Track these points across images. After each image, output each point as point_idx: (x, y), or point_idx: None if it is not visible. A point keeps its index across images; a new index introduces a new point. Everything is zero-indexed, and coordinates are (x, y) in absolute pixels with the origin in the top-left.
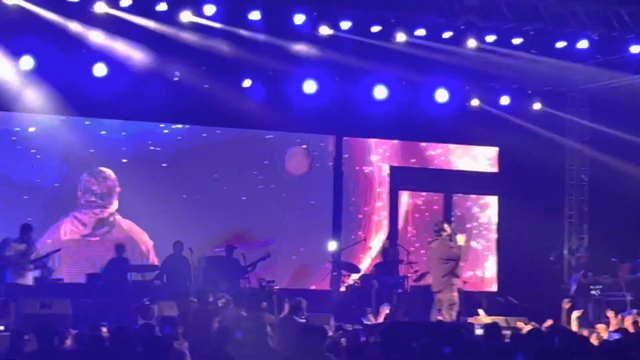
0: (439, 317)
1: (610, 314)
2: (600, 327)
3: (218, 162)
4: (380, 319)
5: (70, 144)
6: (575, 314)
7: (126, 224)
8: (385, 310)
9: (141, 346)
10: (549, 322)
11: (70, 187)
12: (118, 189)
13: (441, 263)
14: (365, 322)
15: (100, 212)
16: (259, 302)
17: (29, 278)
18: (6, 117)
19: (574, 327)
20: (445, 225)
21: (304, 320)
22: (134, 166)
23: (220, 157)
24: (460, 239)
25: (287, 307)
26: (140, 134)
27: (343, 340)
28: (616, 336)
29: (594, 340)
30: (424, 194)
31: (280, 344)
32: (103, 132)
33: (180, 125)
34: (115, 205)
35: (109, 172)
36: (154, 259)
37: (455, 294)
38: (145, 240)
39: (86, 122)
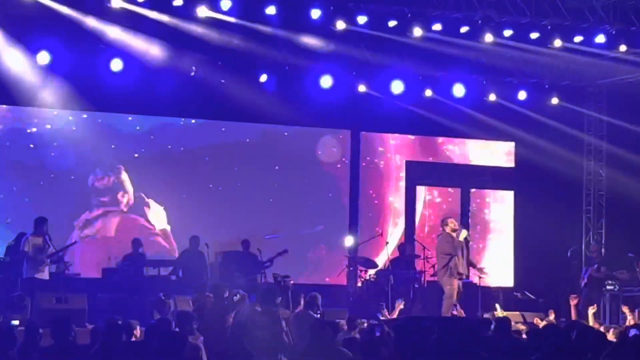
0: (455, 312)
1: (625, 309)
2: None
3: (235, 157)
4: (395, 314)
5: (85, 139)
6: (591, 310)
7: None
8: (399, 305)
9: (156, 341)
10: (552, 315)
11: (85, 182)
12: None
13: (440, 256)
14: (381, 317)
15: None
16: (273, 297)
17: (46, 272)
18: (22, 112)
19: (591, 322)
20: (449, 220)
21: (319, 315)
22: (150, 161)
23: (237, 152)
24: (462, 234)
25: (302, 302)
26: (155, 129)
27: (357, 335)
28: (635, 331)
29: (611, 337)
30: (440, 188)
31: (295, 339)
32: (119, 127)
33: (196, 120)
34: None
35: (118, 170)
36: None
37: (452, 288)
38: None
39: (99, 120)
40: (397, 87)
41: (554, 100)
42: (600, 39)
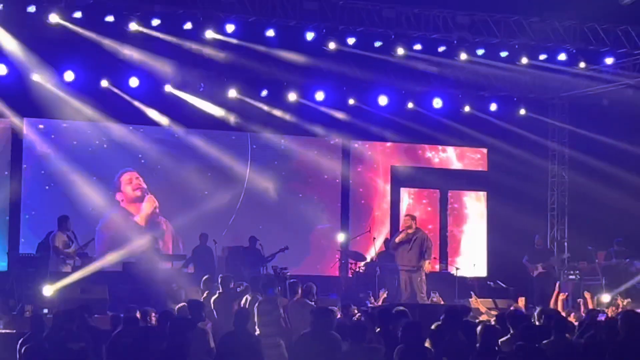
0: (434, 299)
1: (587, 294)
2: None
3: (240, 162)
4: (380, 302)
5: (106, 148)
6: (562, 297)
7: None
8: (383, 294)
9: (168, 326)
10: (522, 302)
11: (106, 186)
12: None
13: None
14: (369, 304)
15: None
16: (273, 286)
17: (69, 266)
18: (47, 123)
19: (560, 307)
20: (404, 218)
21: (314, 303)
22: (162, 167)
23: (242, 158)
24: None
25: (300, 291)
26: (166, 138)
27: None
28: (603, 315)
29: (572, 319)
30: (422, 190)
31: (294, 323)
32: (135, 137)
33: (206, 130)
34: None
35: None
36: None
37: (400, 277)
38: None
39: (116, 131)
40: (382, 100)
41: (522, 111)
42: (562, 57)
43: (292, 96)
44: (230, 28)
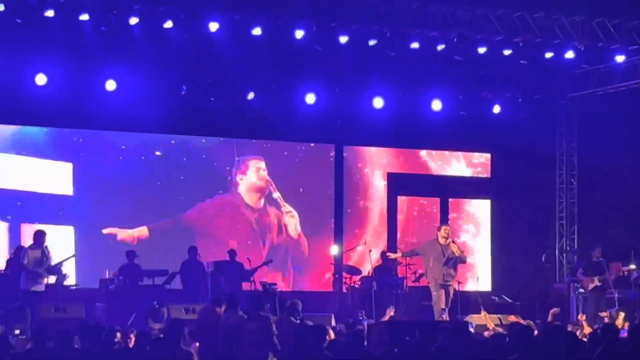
0: (444, 316)
1: (581, 317)
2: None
3: (223, 170)
4: (386, 319)
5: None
6: (553, 311)
7: None
8: (390, 312)
9: (148, 346)
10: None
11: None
12: None
13: None
14: (365, 323)
15: None
16: (260, 304)
17: (43, 285)
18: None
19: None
20: (444, 228)
21: (299, 322)
22: (145, 174)
23: (226, 165)
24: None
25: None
26: (146, 145)
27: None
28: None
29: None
30: (421, 198)
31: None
32: (107, 143)
33: (186, 137)
34: None
35: None
36: None
37: (440, 292)
38: None
39: (79, 138)
40: (378, 102)
41: (527, 114)
42: (570, 54)
43: (281, 99)
44: (214, 27)
